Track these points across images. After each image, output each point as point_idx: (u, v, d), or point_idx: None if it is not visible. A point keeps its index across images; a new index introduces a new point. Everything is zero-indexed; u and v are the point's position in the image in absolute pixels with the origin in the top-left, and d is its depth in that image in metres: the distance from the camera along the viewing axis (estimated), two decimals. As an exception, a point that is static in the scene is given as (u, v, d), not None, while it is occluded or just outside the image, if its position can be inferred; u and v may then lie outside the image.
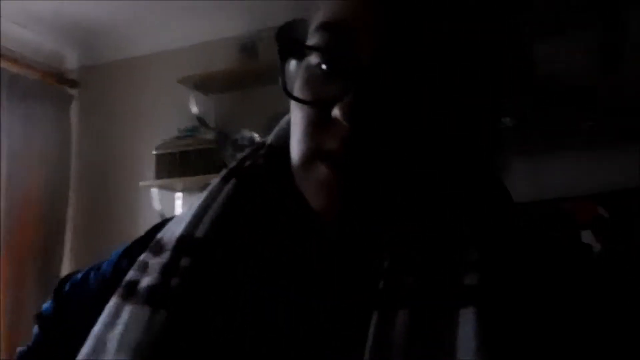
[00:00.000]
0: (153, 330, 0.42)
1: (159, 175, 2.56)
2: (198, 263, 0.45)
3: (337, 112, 0.39)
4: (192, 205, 0.50)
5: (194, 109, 2.63)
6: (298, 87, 0.44)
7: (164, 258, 0.46)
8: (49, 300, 0.54)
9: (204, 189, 0.51)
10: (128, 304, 0.44)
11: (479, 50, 0.41)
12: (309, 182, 0.43)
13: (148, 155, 2.62)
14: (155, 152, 2.57)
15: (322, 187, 0.42)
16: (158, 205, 2.61)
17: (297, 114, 0.44)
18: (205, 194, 0.50)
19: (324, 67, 0.43)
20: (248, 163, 0.51)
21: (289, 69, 0.45)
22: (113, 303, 0.45)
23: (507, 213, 0.46)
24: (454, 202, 0.43)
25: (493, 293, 0.39)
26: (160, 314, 0.43)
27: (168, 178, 2.54)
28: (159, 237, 0.49)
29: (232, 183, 0.49)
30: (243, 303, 0.44)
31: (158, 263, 0.46)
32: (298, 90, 0.44)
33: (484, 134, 0.45)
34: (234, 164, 0.52)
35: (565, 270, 0.43)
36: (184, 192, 2.67)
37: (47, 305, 0.54)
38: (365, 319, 0.40)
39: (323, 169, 0.41)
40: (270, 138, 0.53)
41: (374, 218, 0.42)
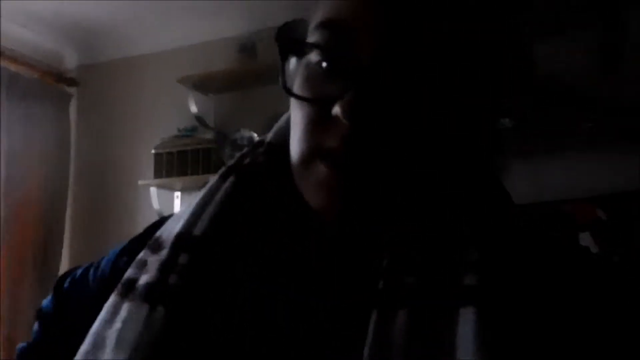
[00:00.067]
0: (151, 328, 0.42)
1: (158, 175, 2.56)
2: (196, 260, 0.45)
3: (337, 110, 0.39)
4: (190, 203, 0.49)
5: (193, 109, 2.63)
6: (298, 84, 0.44)
7: (162, 255, 0.46)
8: (49, 297, 0.54)
9: (203, 187, 0.50)
10: (126, 302, 0.44)
11: (479, 50, 0.41)
12: (309, 180, 0.43)
13: (147, 155, 2.62)
14: (154, 151, 2.58)
15: (321, 186, 0.42)
16: (157, 205, 2.61)
17: (297, 112, 0.44)
18: (204, 192, 0.50)
19: (325, 65, 0.42)
20: (247, 161, 0.51)
21: (289, 67, 0.45)
22: (112, 301, 0.45)
23: (506, 213, 0.46)
24: (454, 202, 0.43)
25: (493, 293, 0.39)
26: (158, 312, 0.43)
27: (167, 177, 2.54)
28: (158, 235, 0.49)
29: (230, 181, 0.49)
30: (242, 301, 0.44)
31: (156, 261, 0.46)
32: (298, 88, 0.44)
33: (484, 134, 0.45)
34: (233, 162, 0.51)
35: (565, 271, 0.43)
36: (183, 191, 2.67)
37: (47, 302, 0.54)
38: (365, 319, 0.40)
39: (323, 168, 0.41)
40: (270, 136, 0.52)
41: (374, 217, 0.42)
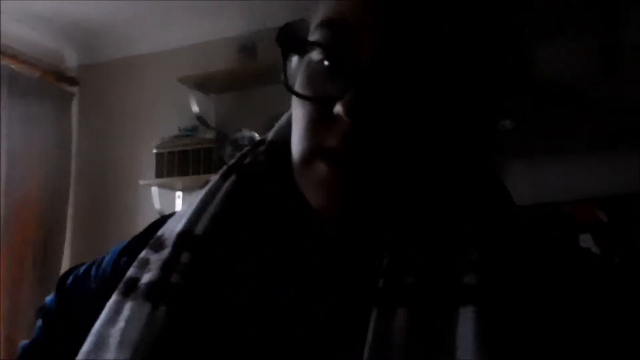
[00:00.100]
0: (153, 327, 0.42)
1: (159, 174, 2.56)
2: (198, 260, 0.45)
3: (338, 109, 0.39)
4: (192, 202, 0.49)
5: (194, 109, 2.63)
6: (300, 83, 0.44)
7: (165, 254, 0.46)
8: (52, 294, 0.54)
9: (204, 186, 0.50)
10: (129, 300, 0.44)
11: (479, 50, 0.41)
12: (309, 180, 0.43)
13: (148, 154, 2.62)
14: (156, 151, 2.58)
15: (321, 185, 0.42)
16: (158, 204, 2.61)
17: (298, 111, 0.44)
18: (205, 191, 0.50)
19: (326, 63, 0.42)
20: (248, 160, 0.51)
21: (291, 66, 0.45)
22: (113, 300, 0.45)
23: (507, 213, 0.46)
24: (454, 201, 0.43)
25: (493, 292, 0.39)
26: (160, 311, 0.43)
27: (168, 177, 2.54)
28: (160, 233, 0.49)
29: (231, 180, 0.49)
30: (242, 301, 0.44)
31: (158, 260, 0.46)
32: (300, 87, 0.44)
33: (484, 134, 0.45)
34: (234, 161, 0.51)
35: (565, 270, 0.43)
36: (184, 191, 2.67)
37: (50, 299, 0.54)
38: (365, 319, 0.40)
39: (323, 167, 0.41)
40: (271, 134, 0.52)
41: (374, 217, 0.42)
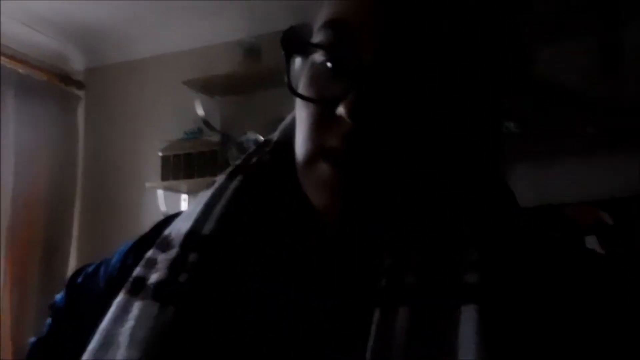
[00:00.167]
0: (162, 326, 0.42)
1: (165, 177, 2.57)
2: (204, 260, 0.45)
3: (341, 110, 0.40)
4: (199, 202, 0.49)
5: (200, 111, 2.63)
6: (303, 85, 0.44)
7: (172, 254, 0.46)
8: (62, 292, 0.54)
9: (210, 186, 0.51)
10: (137, 300, 0.44)
11: (479, 50, 0.41)
12: (312, 180, 0.43)
13: (154, 157, 2.63)
14: (161, 154, 2.59)
15: (324, 185, 0.42)
16: (164, 207, 2.62)
17: (302, 112, 0.44)
18: (212, 191, 0.50)
19: (329, 64, 0.43)
20: (254, 160, 0.51)
21: (294, 68, 0.45)
22: (121, 299, 0.45)
23: (507, 213, 0.46)
24: (454, 201, 0.43)
25: (494, 291, 0.39)
26: (169, 310, 0.43)
27: (173, 180, 2.55)
28: (167, 233, 0.49)
29: (237, 180, 0.49)
30: (243, 300, 0.44)
31: (166, 259, 0.46)
32: (303, 88, 0.44)
33: (485, 134, 0.45)
34: (240, 161, 0.52)
35: (566, 269, 0.43)
36: (189, 193, 2.67)
37: (60, 297, 0.54)
38: (365, 319, 0.40)
39: (325, 167, 0.42)
40: (276, 135, 0.53)
41: (374, 217, 0.42)
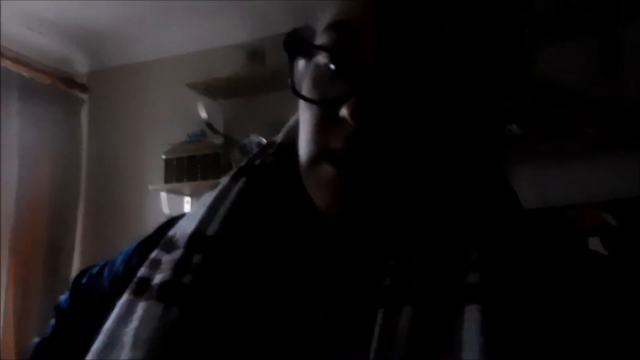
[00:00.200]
0: (166, 327, 0.43)
1: (168, 180, 2.57)
2: (208, 261, 0.45)
3: (344, 111, 0.40)
4: (204, 203, 0.50)
5: (203, 114, 2.63)
6: (306, 86, 0.45)
7: (177, 255, 0.46)
8: (67, 293, 0.55)
9: (214, 188, 0.51)
10: (142, 300, 0.45)
11: (480, 50, 0.41)
12: (315, 181, 0.44)
13: (157, 160, 2.63)
14: (165, 156, 2.59)
15: (326, 186, 0.42)
16: (167, 209, 2.62)
17: (305, 114, 0.45)
18: (216, 193, 0.50)
19: (332, 66, 0.43)
20: (258, 162, 0.51)
21: (298, 69, 0.46)
22: (125, 299, 0.45)
23: (507, 213, 0.46)
24: (455, 202, 0.43)
25: (497, 291, 0.39)
26: (173, 311, 0.43)
27: (176, 182, 2.55)
28: (171, 234, 0.49)
29: (242, 181, 0.50)
30: (244, 301, 0.44)
31: (170, 260, 0.46)
32: (306, 90, 0.44)
33: (485, 134, 0.45)
34: (244, 163, 0.52)
35: (568, 269, 0.43)
36: (192, 196, 2.67)
37: (64, 298, 0.55)
38: (366, 319, 0.40)
39: (328, 168, 0.42)
40: (280, 136, 0.53)
41: (374, 218, 0.43)
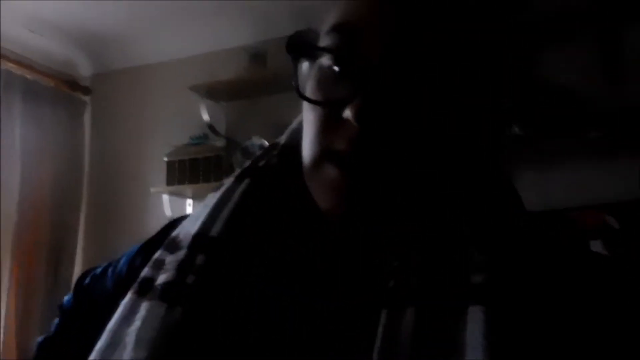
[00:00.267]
0: (169, 327, 0.43)
1: (170, 182, 2.57)
2: (212, 261, 0.46)
3: (348, 113, 0.40)
4: (207, 204, 0.50)
5: (205, 117, 2.64)
6: (310, 88, 0.45)
7: (180, 255, 0.46)
8: (70, 293, 0.55)
9: (218, 189, 0.51)
10: (145, 300, 0.45)
11: (483, 51, 0.42)
12: (318, 182, 0.44)
13: (159, 162, 2.63)
14: (167, 159, 2.59)
15: (330, 187, 0.42)
16: (169, 211, 2.62)
17: (309, 115, 0.45)
18: (220, 193, 0.50)
19: (336, 68, 0.43)
20: (262, 163, 0.51)
21: (302, 71, 0.46)
22: (128, 299, 0.46)
23: (508, 214, 0.46)
24: (457, 203, 0.43)
25: (500, 292, 0.39)
26: (176, 311, 0.43)
27: (179, 184, 2.55)
28: (175, 235, 0.49)
29: (245, 183, 0.50)
30: (248, 302, 0.45)
31: (174, 260, 0.46)
32: (310, 92, 0.45)
33: (487, 135, 0.46)
34: (248, 164, 0.52)
35: (570, 270, 0.43)
36: (194, 198, 2.68)
37: (67, 298, 0.55)
38: (369, 320, 0.40)
39: (331, 170, 0.42)
40: (284, 138, 0.53)
41: (377, 219, 0.43)
